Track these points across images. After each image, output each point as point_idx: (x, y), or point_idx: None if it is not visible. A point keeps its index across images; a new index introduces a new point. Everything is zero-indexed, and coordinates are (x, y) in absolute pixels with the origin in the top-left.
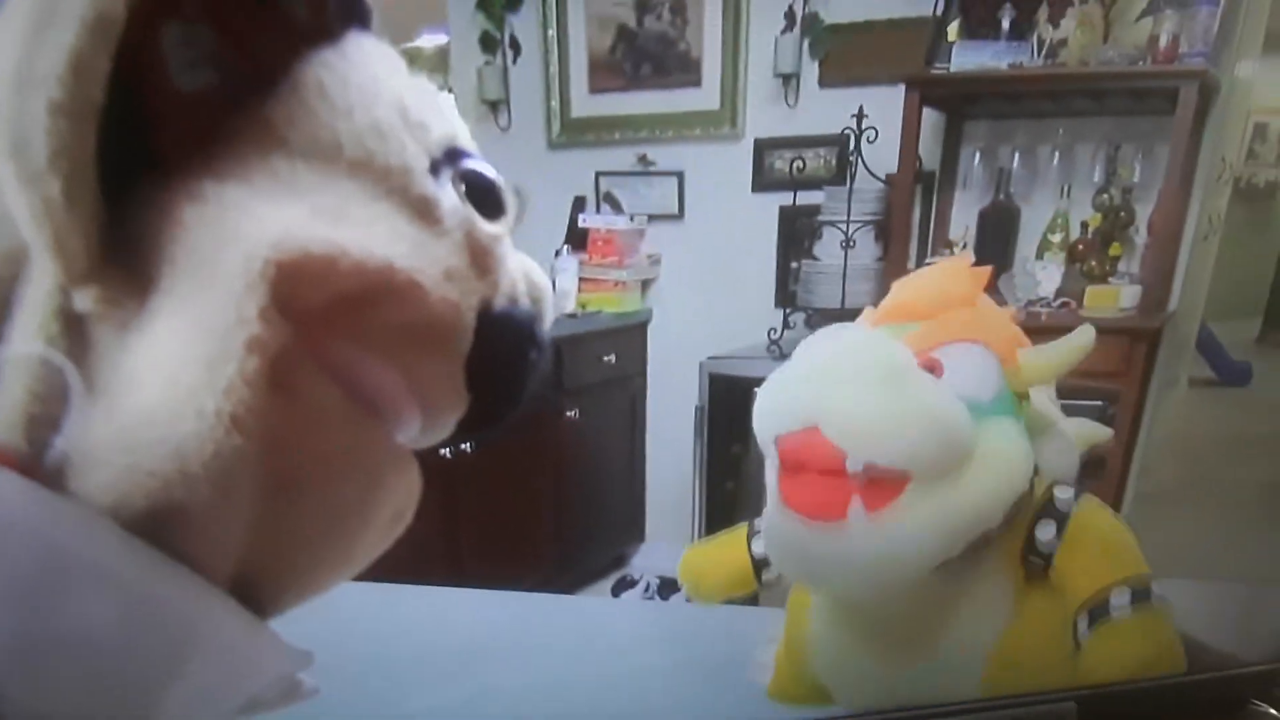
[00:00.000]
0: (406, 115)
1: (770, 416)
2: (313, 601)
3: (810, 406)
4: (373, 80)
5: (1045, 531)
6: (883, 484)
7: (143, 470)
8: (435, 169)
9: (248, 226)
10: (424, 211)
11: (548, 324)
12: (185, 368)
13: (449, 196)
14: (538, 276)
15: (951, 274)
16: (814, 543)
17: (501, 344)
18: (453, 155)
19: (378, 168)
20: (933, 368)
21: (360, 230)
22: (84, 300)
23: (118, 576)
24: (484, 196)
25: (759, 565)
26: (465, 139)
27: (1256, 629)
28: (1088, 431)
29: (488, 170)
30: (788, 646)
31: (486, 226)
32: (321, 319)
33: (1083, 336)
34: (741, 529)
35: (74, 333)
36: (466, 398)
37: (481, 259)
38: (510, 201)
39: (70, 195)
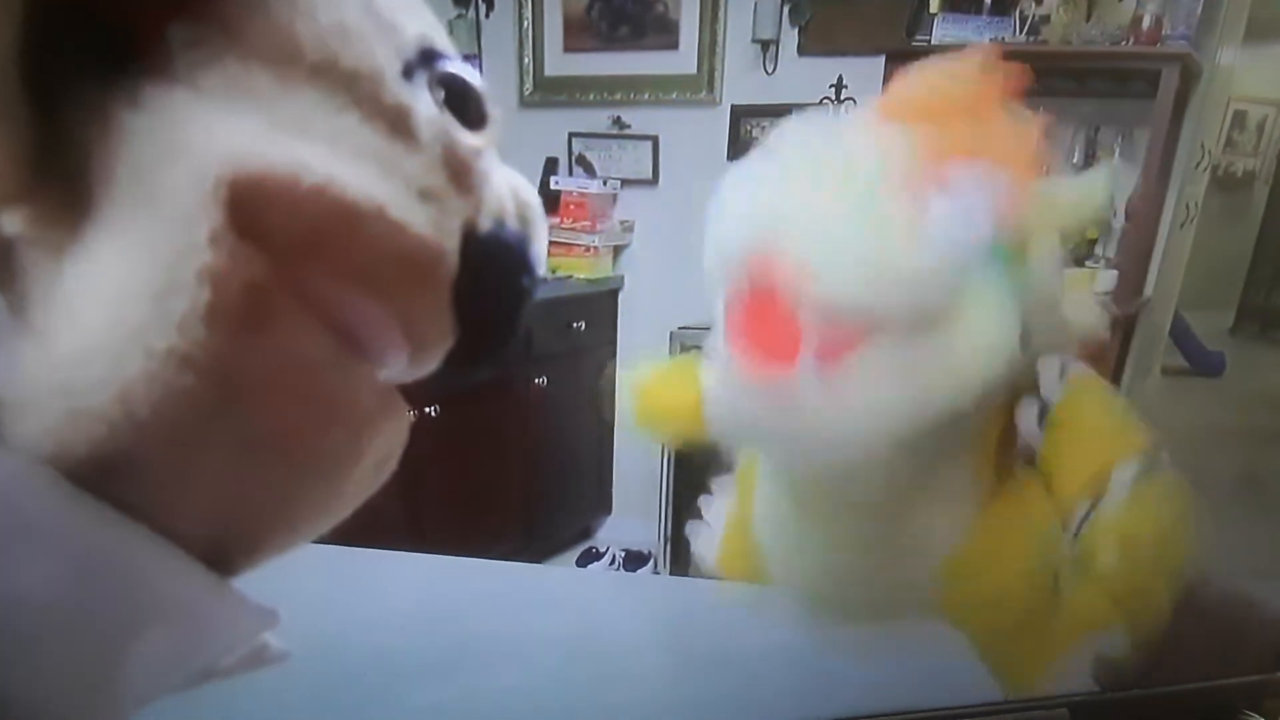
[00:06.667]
0: (376, 13)
1: (728, 235)
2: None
3: (768, 226)
4: None
5: (1026, 419)
6: (841, 335)
7: (84, 414)
8: (409, 72)
9: (196, 138)
10: (396, 122)
11: (541, 247)
12: (130, 300)
13: (425, 104)
14: (527, 194)
15: (972, 69)
16: (756, 396)
17: (490, 269)
18: (428, 57)
19: (343, 72)
20: (934, 187)
21: (324, 145)
22: (12, 222)
23: (59, 531)
24: (464, 104)
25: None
26: (442, 40)
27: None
28: (1087, 316)
29: (468, 74)
30: (737, 513)
31: (468, 138)
32: (292, 246)
33: (1103, 174)
34: (693, 357)
35: (1, 258)
36: (454, 328)
37: (462, 175)
38: (494, 110)
39: None
